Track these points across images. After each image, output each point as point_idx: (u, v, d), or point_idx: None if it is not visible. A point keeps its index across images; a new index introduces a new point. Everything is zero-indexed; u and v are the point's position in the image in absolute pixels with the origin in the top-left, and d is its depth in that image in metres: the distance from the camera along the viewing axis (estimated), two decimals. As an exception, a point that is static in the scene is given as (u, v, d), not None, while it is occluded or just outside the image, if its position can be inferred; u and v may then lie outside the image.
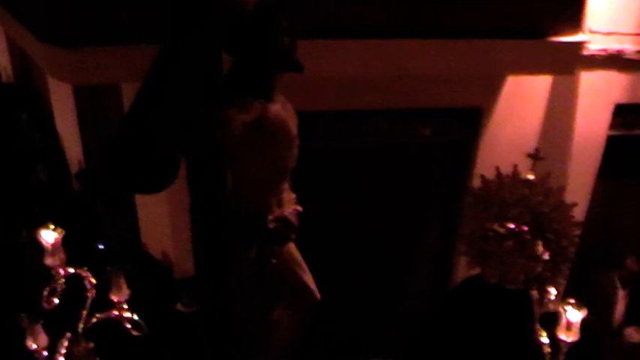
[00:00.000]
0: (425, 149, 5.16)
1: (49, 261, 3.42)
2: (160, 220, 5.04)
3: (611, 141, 5.32)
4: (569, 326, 3.22)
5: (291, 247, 3.61)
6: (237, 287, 3.41)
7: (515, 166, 3.41)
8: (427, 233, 5.45)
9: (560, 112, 4.94)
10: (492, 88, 4.90)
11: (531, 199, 3.22)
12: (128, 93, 4.71)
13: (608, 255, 5.82)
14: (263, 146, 3.12)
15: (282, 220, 3.40)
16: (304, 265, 3.68)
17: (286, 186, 3.42)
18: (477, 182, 5.15)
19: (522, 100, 4.98)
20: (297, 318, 3.83)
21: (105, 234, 5.26)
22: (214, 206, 2.89)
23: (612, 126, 5.27)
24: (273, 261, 3.47)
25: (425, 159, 5.22)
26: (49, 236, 3.41)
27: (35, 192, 5.80)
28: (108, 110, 5.23)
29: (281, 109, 3.13)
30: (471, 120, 5.09)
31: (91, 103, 5.46)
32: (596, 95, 5.00)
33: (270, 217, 3.33)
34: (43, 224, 3.39)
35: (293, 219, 3.46)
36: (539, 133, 5.00)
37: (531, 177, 3.35)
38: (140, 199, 5.12)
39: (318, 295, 3.73)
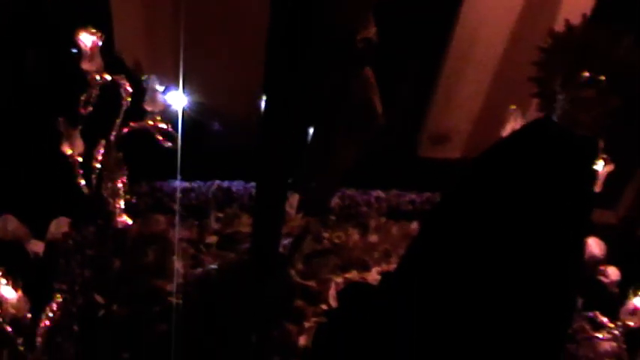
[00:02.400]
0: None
1: (86, 65, 3.35)
2: (135, 29, 4.97)
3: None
4: None
5: (369, 69, 3.73)
6: (321, 107, 3.61)
7: None
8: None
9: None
10: None
11: (614, 51, 3.02)
12: None
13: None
14: None
15: (368, 41, 3.51)
16: (377, 89, 3.79)
17: (370, 10, 3.53)
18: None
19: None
20: (359, 141, 3.92)
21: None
22: (303, 26, 2.97)
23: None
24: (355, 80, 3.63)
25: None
26: (86, 39, 3.32)
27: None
28: None
29: None
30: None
31: None
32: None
33: (358, 37, 3.45)
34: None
35: (376, 40, 3.56)
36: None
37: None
38: (115, 8, 5.01)
39: (383, 121, 3.81)
